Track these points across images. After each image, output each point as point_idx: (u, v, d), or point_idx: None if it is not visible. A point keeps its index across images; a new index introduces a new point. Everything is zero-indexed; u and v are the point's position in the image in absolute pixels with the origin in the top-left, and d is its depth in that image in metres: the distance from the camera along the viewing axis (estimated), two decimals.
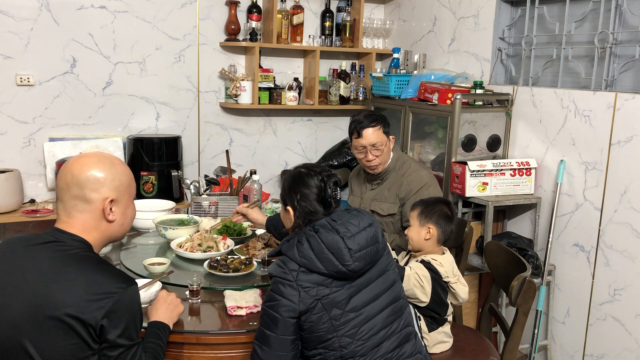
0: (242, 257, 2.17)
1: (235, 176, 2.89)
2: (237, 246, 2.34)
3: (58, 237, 1.44)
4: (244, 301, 1.84)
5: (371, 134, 2.46)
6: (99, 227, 1.48)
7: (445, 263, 2.08)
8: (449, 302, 2.10)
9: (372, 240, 1.64)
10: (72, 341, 1.34)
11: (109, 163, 1.50)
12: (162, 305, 1.69)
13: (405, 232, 2.16)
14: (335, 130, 4.24)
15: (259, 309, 1.82)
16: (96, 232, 1.48)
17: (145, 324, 1.63)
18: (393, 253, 2.14)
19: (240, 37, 3.77)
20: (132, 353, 1.42)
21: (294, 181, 1.74)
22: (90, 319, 1.33)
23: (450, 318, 2.15)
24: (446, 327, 2.13)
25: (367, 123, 2.47)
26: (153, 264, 2.08)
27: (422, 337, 2.01)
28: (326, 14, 3.96)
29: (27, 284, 1.37)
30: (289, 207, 1.73)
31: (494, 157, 3.14)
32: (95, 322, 1.34)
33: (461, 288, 2.10)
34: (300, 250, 1.60)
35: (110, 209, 1.48)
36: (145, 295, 1.82)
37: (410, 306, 1.92)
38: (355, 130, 2.49)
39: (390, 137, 2.54)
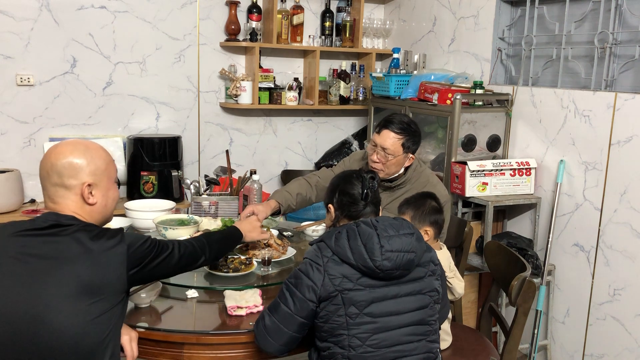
0: (242, 257, 2.17)
1: (235, 176, 2.89)
2: (237, 246, 2.33)
3: (54, 219, 1.47)
4: (244, 301, 1.84)
5: (388, 138, 2.30)
6: (84, 209, 1.53)
7: (442, 258, 2.08)
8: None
9: (407, 246, 1.63)
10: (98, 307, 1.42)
11: (83, 149, 1.53)
12: (250, 224, 2.04)
13: None
14: (335, 130, 4.24)
15: (259, 309, 1.83)
16: (82, 212, 1.52)
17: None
18: (459, 286, 2.13)
19: (240, 37, 3.77)
20: (161, 246, 1.57)
21: (335, 182, 1.87)
22: (119, 281, 1.45)
23: (450, 315, 2.15)
24: (445, 325, 2.13)
25: (393, 127, 2.31)
26: None
27: None
28: (326, 14, 3.96)
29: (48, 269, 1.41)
30: (329, 205, 1.85)
31: (494, 157, 3.14)
32: (125, 279, 1.46)
33: (457, 283, 2.10)
34: (337, 238, 1.65)
35: (90, 192, 1.52)
36: (145, 295, 1.82)
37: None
38: (380, 125, 2.36)
39: (410, 155, 2.37)
